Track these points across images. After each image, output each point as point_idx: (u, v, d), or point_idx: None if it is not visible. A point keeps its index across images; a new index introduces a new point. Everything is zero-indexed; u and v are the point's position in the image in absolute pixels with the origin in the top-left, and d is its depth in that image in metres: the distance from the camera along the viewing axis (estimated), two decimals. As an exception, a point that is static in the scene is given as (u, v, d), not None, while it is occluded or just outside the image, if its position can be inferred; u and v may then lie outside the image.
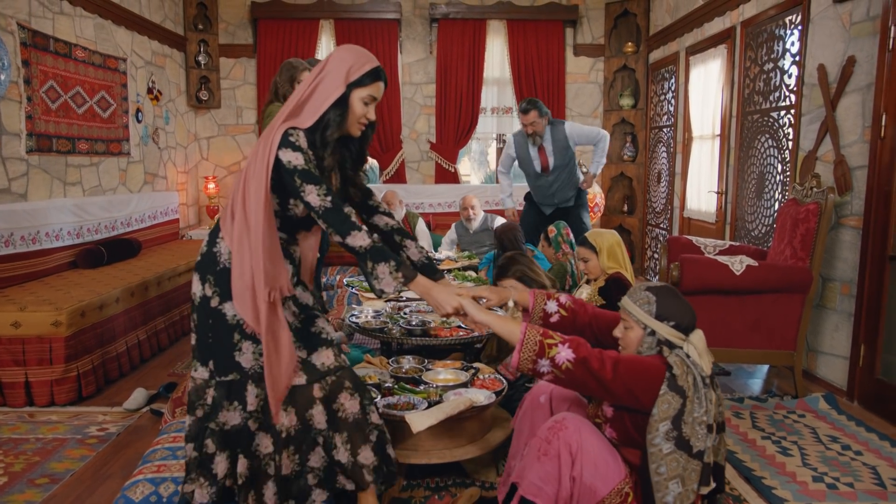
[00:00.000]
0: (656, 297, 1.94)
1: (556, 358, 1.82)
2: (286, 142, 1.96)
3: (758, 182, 4.58)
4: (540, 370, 1.85)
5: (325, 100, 2.01)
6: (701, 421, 1.83)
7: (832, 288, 3.73)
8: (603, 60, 7.15)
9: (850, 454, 2.91)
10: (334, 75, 2.02)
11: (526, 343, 1.85)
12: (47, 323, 3.33)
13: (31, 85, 4.22)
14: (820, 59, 3.85)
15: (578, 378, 1.84)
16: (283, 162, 1.95)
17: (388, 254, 1.97)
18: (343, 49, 2.08)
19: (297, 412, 2.06)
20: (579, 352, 1.83)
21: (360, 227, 1.97)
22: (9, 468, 2.72)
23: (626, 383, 1.84)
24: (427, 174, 7.36)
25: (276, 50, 6.91)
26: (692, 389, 1.83)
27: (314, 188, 1.94)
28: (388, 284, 1.96)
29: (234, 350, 2.05)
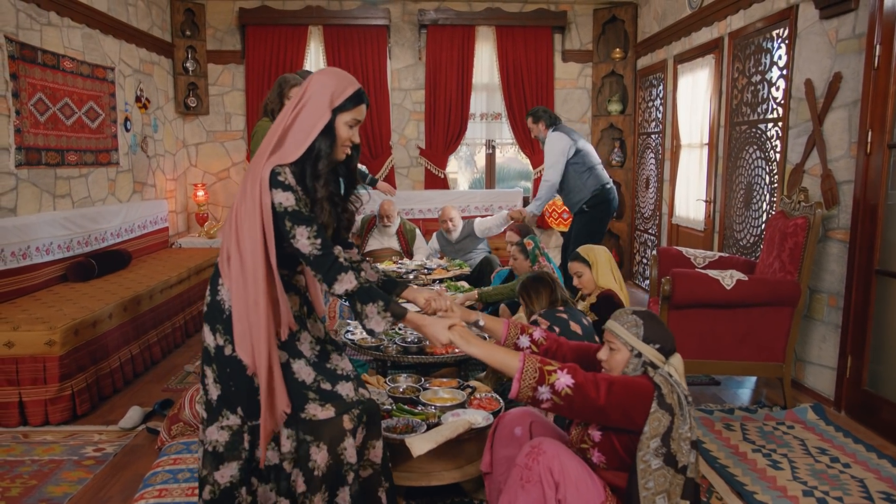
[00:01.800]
0: (643, 321, 2.01)
1: (555, 384, 1.85)
2: (275, 182, 1.92)
3: (746, 192, 4.64)
4: (539, 398, 1.87)
5: (311, 128, 1.96)
6: (686, 437, 1.89)
7: (819, 300, 3.80)
8: (591, 66, 7.19)
9: (839, 467, 2.97)
10: (318, 101, 1.97)
11: (526, 371, 1.88)
12: (41, 342, 3.31)
13: (19, 98, 4.19)
14: (807, 73, 3.91)
15: (577, 403, 1.87)
16: (275, 203, 1.93)
17: (376, 293, 1.98)
18: (323, 73, 2.03)
19: (329, 448, 2.00)
20: (577, 377, 1.87)
21: (347, 269, 1.96)
22: (5, 493, 2.71)
23: (622, 404, 1.88)
24: (417, 180, 7.37)
25: (265, 56, 6.88)
26: (678, 407, 1.89)
27: (305, 230, 1.93)
28: (378, 324, 1.97)
29: (258, 394, 2.01)
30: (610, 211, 5.16)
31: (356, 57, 6.93)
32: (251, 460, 2.04)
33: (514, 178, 7.97)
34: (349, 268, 1.97)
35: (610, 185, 5.14)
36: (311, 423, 2.01)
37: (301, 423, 2.01)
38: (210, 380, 2.06)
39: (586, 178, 5.07)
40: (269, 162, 1.94)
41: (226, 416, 2.04)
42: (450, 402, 2.74)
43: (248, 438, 2.03)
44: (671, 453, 1.87)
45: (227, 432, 2.03)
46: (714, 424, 3.43)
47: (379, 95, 7.02)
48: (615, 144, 7.19)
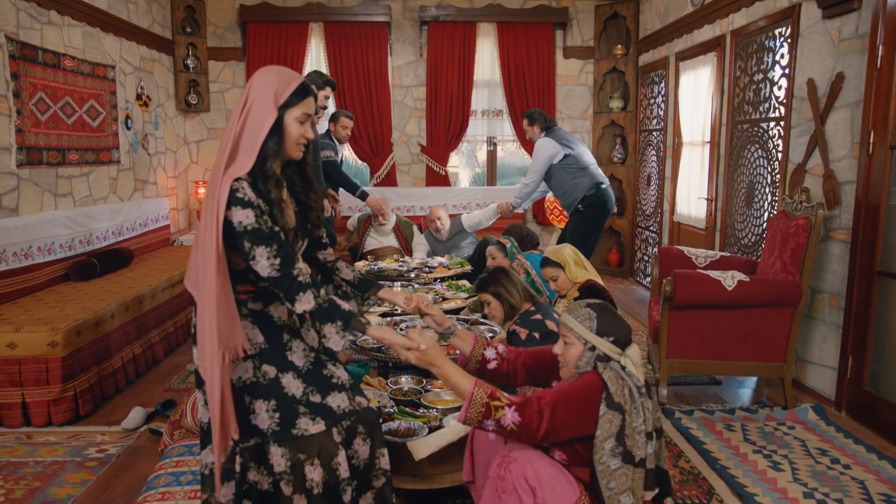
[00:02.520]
0: (596, 314, 2.01)
1: (501, 420, 1.86)
2: (234, 199, 1.86)
3: (747, 191, 4.63)
4: (486, 428, 1.90)
5: (259, 130, 1.89)
6: (640, 430, 1.90)
7: (820, 300, 3.80)
8: (592, 62, 7.18)
9: (839, 468, 2.98)
10: (262, 101, 1.90)
11: (473, 402, 1.88)
12: (43, 343, 3.32)
13: (20, 98, 4.18)
14: (809, 73, 3.90)
15: (522, 437, 1.89)
16: (234, 223, 1.86)
17: (335, 312, 1.94)
18: (263, 73, 1.97)
19: (322, 463, 1.98)
20: (524, 415, 1.86)
21: (306, 288, 1.91)
22: (9, 495, 2.72)
23: (567, 423, 1.89)
24: (418, 177, 7.36)
25: (266, 53, 6.87)
26: (629, 402, 1.91)
27: (265, 251, 1.87)
28: (336, 343, 1.94)
29: (249, 413, 1.99)
30: (605, 211, 5.18)
31: (357, 54, 6.91)
32: (243, 482, 2.00)
33: (515, 173, 7.96)
34: (308, 286, 1.92)
35: (605, 185, 5.14)
36: (303, 439, 1.98)
37: (293, 439, 1.98)
38: (200, 403, 2.04)
39: (579, 179, 5.10)
40: (226, 176, 1.87)
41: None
42: (451, 403, 2.74)
43: (238, 460, 1.99)
44: (628, 450, 1.89)
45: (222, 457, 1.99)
46: (715, 425, 3.44)
47: (380, 92, 7.01)
48: (616, 141, 7.18)
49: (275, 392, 2.00)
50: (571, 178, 5.13)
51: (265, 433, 2.00)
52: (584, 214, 5.14)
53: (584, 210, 5.13)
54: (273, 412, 2.00)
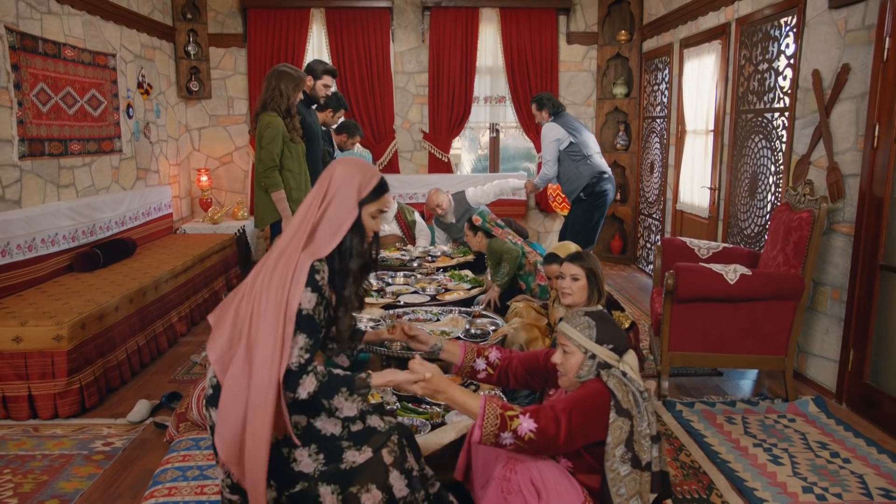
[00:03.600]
0: (595, 322, 2.03)
1: (518, 430, 1.86)
2: (311, 280, 1.88)
3: (751, 181, 4.62)
4: (502, 443, 1.88)
5: (341, 224, 1.94)
6: (646, 434, 1.93)
7: (823, 292, 3.80)
8: (596, 48, 7.12)
9: (839, 462, 3.00)
10: (345, 194, 1.95)
11: (487, 418, 1.87)
12: (48, 337, 3.34)
13: (21, 89, 4.17)
14: (815, 63, 3.87)
15: (540, 445, 1.88)
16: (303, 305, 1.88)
17: (336, 382, 1.91)
18: (345, 165, 2.01)
19: (378, 486, 1.95)
20: (539, 421, 1.87)
21: (309, 373, 1.89)
22: (18, 489, 2.76)
23: (582, 430, 1.91)
24: (420, 164, 7.35)
25: (267, 39, 6.83)
26: (635, 408, 1.93)
27: (304, 340, 1.87)
28: (351, 409, 1.93)
29: (291, 462, 1.96)
30: (607, 200, 5.19)
31: (358, 40, 6.87)
32: None
33: (519, 158, 7.90)
34: (309, 372, 1.90)
35: (607, 175, 5.15)
36: (351, 471, 1.96)
37: (342, 473, 1.95)
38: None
39: (583, 167, 5.11)
40: (304, 254, 1.90)
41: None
42: (454, 399, 2.76)
43: None
44: (636, 455, 1.92)
45: None
46: (716, 417, 3.46)
47: (382, 79, 6.97)
48: (620, 128, 7.14)
49: (312, 437, 1.98)
50: (575, 165, 5.13)
51: (312, 476, 1.96)
52: (587, 203, 5.14)
53: (585, 199, 5.13)
54: (316, 454, 1.97)
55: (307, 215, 1.95)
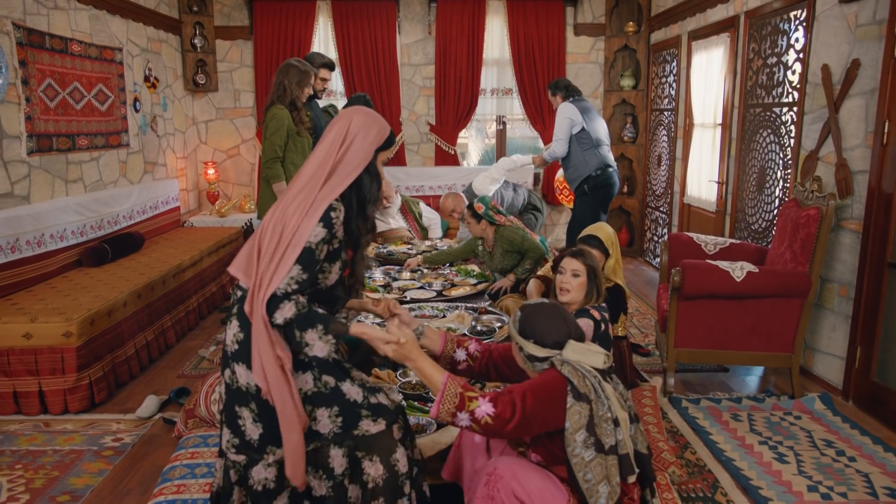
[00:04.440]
0: (523, 315, 2.06)
1: (475, 412, 1.86)
2: (326, 217, 1.92)
3: (759, 176, 4.59)
4: (458, 423, 1.89)
5: (357, 165, 2.00)
6: (606, 418, 1.92)
7: (830, 289, 3.79)
8: (604, 40, 7.07)
9: (845, 460, 3.00)
10: (364, 138, 2.01)
11: (446, 395, 1.88)
12: (58, 334, 3.37)
13: (28, 85, 4.18)
14: (824, 58, 3.84)
15: (495, 430, 1.88)
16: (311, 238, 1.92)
17: (315, 317, 1.92)
18: (363, 112, 2.07)
19: (381, 460, 2.04)
20: (497, 406, 1.87)
21: (291, 300, 1.89)
22: (30, 484, 2.79)
23: (538, 415, 1.90)
24: (427, 156, 7.33)
25: (273, 31, 6.81)
26: (593, 392, 1.92)
27: (297, 270, 1.89)
28: (321, 349, 1.93)
29: (311, 422, 2.01)
30: (610, 194, 5.18)
31: (365, 32, 6.84)
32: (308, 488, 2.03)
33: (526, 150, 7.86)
34: (291, 298, 1.91)
35: (612, 168, 5.12)
36: (363, 438, 2.03)
37: (354, 439, 2.03)
38: (248, 420, 1.98)
39: (589, 156, 5.07)
40: (323, 192, 1.95)
41: (272, 453, 1.99)
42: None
43: None
44: (598, 440, 1.90)
45: (275, 468, 2.00)
46: (722, 414, 3.46)
47: (388, 71, 6.95)
48: (627, 120, 7.11)
49: (337, 399, 2.03)
50: (582, 153, 5.10)
51: (326, 436, 2.02)
52: (590, 197, 5.13)
53: (589, 192, 5.12)
54: (336, 417, 2.03)
55: (328, 155, 1.99)
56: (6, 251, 3.83)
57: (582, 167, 5.12)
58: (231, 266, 1.99)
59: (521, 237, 4.24)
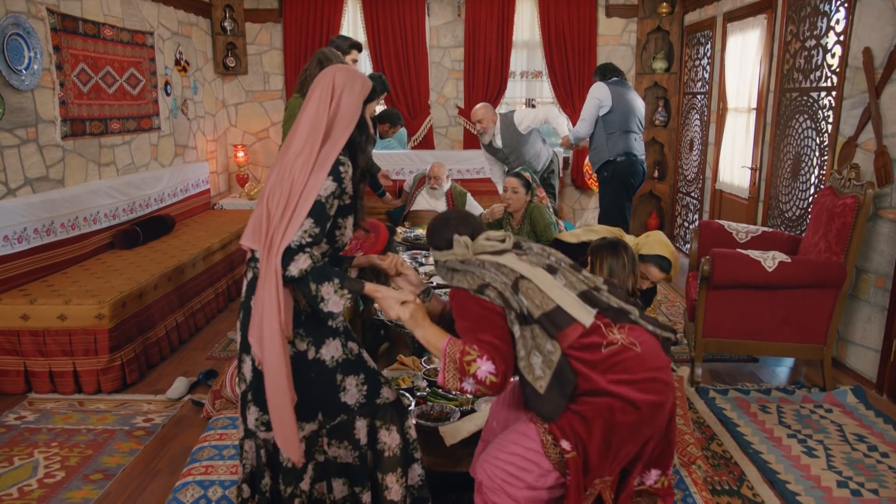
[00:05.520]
0: (428, 232, 2.14)
1: (477, 375, 1.79)
2: (335, 171, 1.91)
3: (794, 163, 4.48)
4: (465, 389, 1.83)
5: (351, 118, 1.98)
6: (505, 284, 1.87)
7: (866, 280, 3.69)
8: (636, 21, 6.92)
9: (877, 456, 2.94)
10: (351, 92, 1.98)
11: (448, 363, 1.83)
12: (91, 316, 3.45)
13: (62, 70, 4.25)
14: (866, 41, 3.71)
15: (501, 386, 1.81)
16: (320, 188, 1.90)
17: (331, 271, 1.89)
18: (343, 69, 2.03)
19: (398, 429, 2.11)
20: (494, 359, 1.80)
21: (305, 252, 1.87)
22: (65, 462, 2.88)
23: (491, 336, 1.84)
24: (455, 139, 7.30)
25: (302, 13, 6.80)
26: (481, 271, 1.92)
27: (310, 223, 1.86)
28: (336, 304, 1.88)
29: (340, 392, 2.04)
30: (631, 184, 5.04)
31: (394, 14, 6.80)
32: (329, 461, 2.06)
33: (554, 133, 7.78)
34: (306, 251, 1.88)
35: (636, 156, 4.97)
36: (384, 406, 2.10)
37: (375, 408, 2.08)
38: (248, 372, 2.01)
39: (613, 140, 4.95)
40: (326, 148, 1.93)
41: (301, 428, 1.99)
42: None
43: (326, 441, 2.05)
44: (518, 312, 1.85)
45: (304, 442, 2.02)
46: (750, 406, 3.41)
47: (417, 54, 6.91)
48: (659, 104, 6.97)
49: (362, 367, 2.09)
50: (606, 136, 4.98)
51: (353, 408, 2.06)
52: (612, 186, 5.04)
53: (609, 180, 5.03)
54: (362, 385, 2.07)
55: (320, 113, 1.95)
56: (41, 234, 3.91)
57: (602, 151, 5.02)
58: (242, 239, 1.97)
59: (546, 224, 4.10)
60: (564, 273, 1.96)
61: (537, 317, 1.84)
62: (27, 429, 3.16)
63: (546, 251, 2.04)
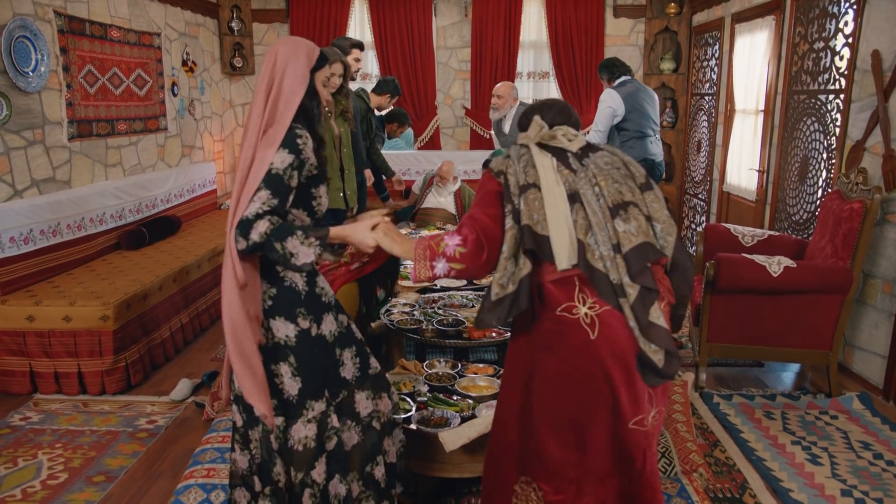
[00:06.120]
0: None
1: (446, 251, 1.81)
2: (290, 142, 1.89)
3: (801, 166, 4.44)
4: (437, 272, 1.83)
5: (297, 89, 1.95)
6: (515, 184, 1.83)
7: (873, 285, 3.66)
8: (644, 22, 6.88)
9: (882, 464, 2.92)
10: (296, 65, 1.96)
11: (417, 254, 1.85)
12: (95, 317, 3.47)
13: (69, 72, 4.27)
14: (875, 43, 3.67)
15: (474, 257, 1.80)
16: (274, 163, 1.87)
17: (290, 227, 1.87)
18: (286, 41, 2.01)
19: (388, 394, 2.22)
20: (461, 231, 1.83)
21: (263, 218, 1.83)
22: (68, 463, 2.89)
23: (481, 214, 1.85)
24: (462, 140, 7.29)
25: (309, 14, 6.81)
26: (509, 163, 1.89)
27: (267, 195, 1.84)
28: (307, 254, 1.87)
29: (339, 367, 2.08)
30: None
31: (401, 14, 6.79)
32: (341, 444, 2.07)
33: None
34: (264, 217, 1.86)
35: (653, 159, 4.91)
36: (375, 376, 2.19)
37: (369, 379, 2.16)
38: (286, 375, 1.98)
39: (628, 147, 4.90)
40: (275, 126, 1.92)
41: (310, 408, 2.00)
42: (486, 391, 2.77)
43: (335, 419, 2.05)
44: (516, 211, 1.81)
45: (315, 423, 2.01)
46: (754, 412, 3.39)
47: (424, 54, 6.90)
48: (667, 104, 6.93)
49: (353, 338, 2.13)
50: (621, 142, 4.93)
51: (351, 383, 2.12)
52: None
53: None
54: (355, 358, 2.13)
55: (265, 93, 1.94)
56: (48, 235, 3.93)
57: None
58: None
59: None
60: (588, 210, 1.81)
61: (523, 224, 1.79)
62: (32, 430, 3.18)
63: (609, 178, 1.85)
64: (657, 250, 1.81)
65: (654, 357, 1.76)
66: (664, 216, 1.86)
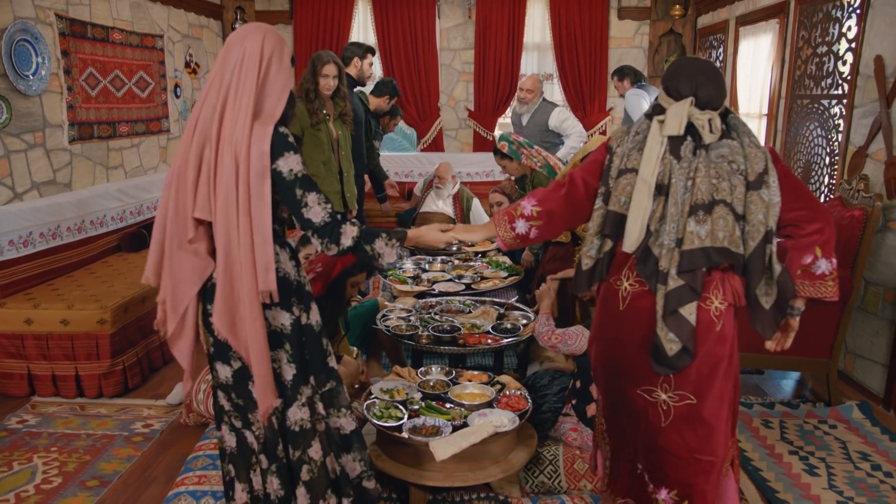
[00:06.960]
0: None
1: (524, 212, 2.02)
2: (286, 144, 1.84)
3: (804, 170, 4.40)
4: (519, 232, 2.03)
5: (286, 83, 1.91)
6: (615, 167, 1.95)
7: (875, 293, 3.62)
8: (648, 24, 6.86)
9: (880, 476, 2.88)
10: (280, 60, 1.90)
11: (497, 223, 2.07)
12: (93, 321, 3.48)
13: (70, 75, 4.28)
14: (878, 49, 3.63)
15: (555, 211, 2.02)
16: (283, 171, 1.84)
17: (374, 230, 1.99)
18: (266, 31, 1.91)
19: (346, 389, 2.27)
20: (538, 193, 2.05)
21: (346, 219, 1.93)
22: (63, 468, 2.90)
23: (579, 174, 2.04)
24: (465, 142, 7.27)
25: (313, 15, 6.81)
26: (619, 142, 1.99)
27: (316, 197, 1.88)
28: (391, 255, 2.00)
29: (327, 357, 2.12)
30: None
31: (404, 16, 6.78)
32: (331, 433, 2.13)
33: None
34: (347, 219, 1.96)
35: None
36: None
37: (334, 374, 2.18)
38: (283, 361, 2.03)
39: None
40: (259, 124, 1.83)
41: (303, 393, 2.06)
42: (479, 398, 2.76)
43: (321, 406, 2.10)
44: (609, 190, 1.96)
45: (308, 406, 2.07)
46: (752, 420, 3.36)
47: (427, 56, 6.89)
48: (671, 107, 6.89)
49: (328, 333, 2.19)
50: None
51: (334, 370, 2.15)
52: None
53: None
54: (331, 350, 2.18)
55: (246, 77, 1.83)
56: (48, 238, 3.95)
57: None
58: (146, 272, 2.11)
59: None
60: (669, 202, 1.84)
61: (609, 208, 1.93)
62: (28, 433, 3.20)
63: (709, 173, 1.84)
64: (718, 256, 1.83)
65: (667, 345, 1.88)
66: (756, 219, 1.83)
